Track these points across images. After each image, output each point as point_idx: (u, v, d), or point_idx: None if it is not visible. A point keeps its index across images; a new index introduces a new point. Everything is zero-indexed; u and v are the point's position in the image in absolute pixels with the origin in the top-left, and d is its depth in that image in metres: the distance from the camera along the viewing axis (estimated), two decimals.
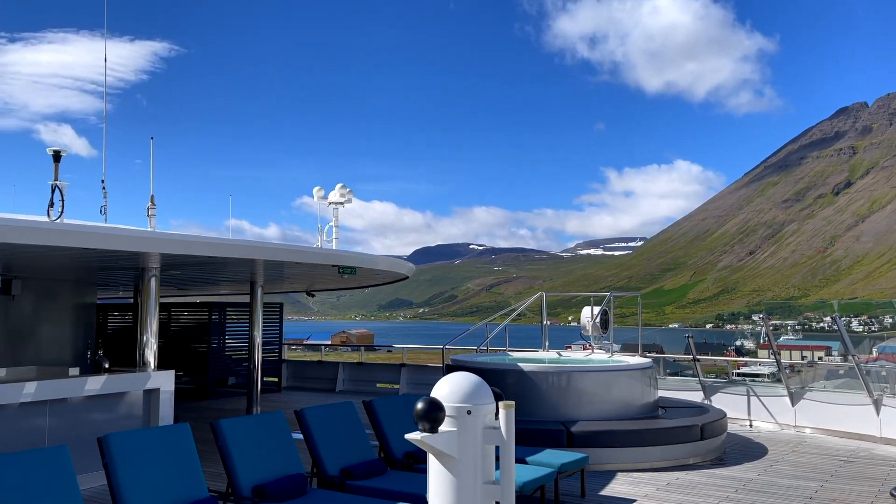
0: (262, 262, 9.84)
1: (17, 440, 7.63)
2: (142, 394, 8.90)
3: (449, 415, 4.13)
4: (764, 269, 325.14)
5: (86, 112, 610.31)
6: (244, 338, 17.01)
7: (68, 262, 9.55)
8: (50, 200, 6.57)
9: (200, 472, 5.47)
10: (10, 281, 11.27)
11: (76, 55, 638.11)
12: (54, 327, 12.41)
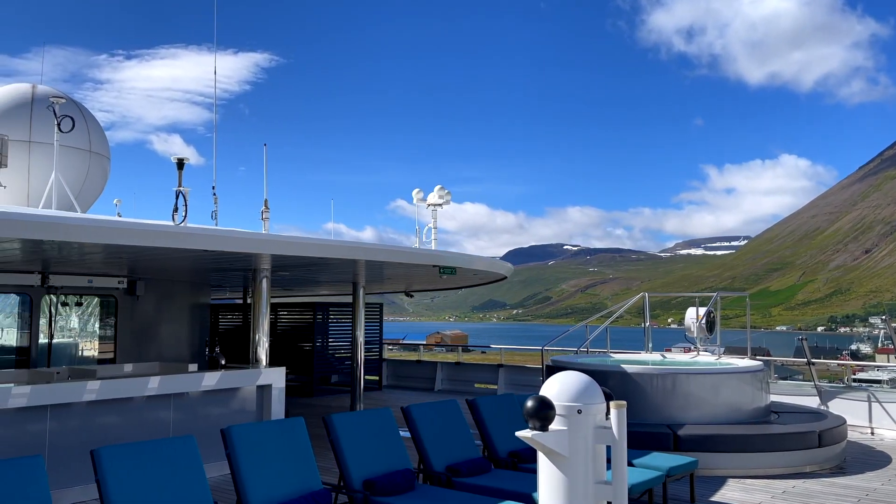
0: (364, 263, 10.10)
1: (143, 430, 8.17)
2: (255, 389, 9.33)
3: (559, 413, 4.12)
4: (882, 268, 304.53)
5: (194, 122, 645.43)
6: (346, 337, 17.52)
7: (187, 264, 10.14)
8: (174, 205, 7.04)
9: (314, 464, 5.69)
10: (135, 282, 12.07)
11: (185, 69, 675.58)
12: (173, 326, 13.18)
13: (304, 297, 20.41)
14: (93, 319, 12.01)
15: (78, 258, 9.11)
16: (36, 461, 4.45)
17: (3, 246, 7.70)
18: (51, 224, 6.27)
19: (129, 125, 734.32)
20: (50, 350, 11.17)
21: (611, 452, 4.13)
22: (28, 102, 13.31)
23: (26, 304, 10.99)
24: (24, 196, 12.40)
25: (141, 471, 4.71)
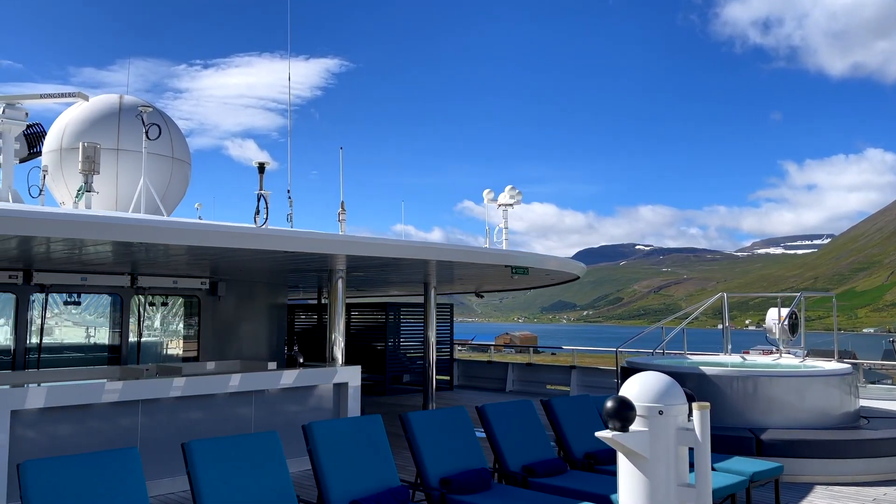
0: (435, 263, 10.19)
1: (226, 426, 8.47)
2: (332, 387, 9.54)
3: (640, 414, 4.07)
4: None
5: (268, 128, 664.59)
6: (417, 337, 17.70)
7: (266, 265, 10.45)
8: (256, 208, 7.28)
9: (392, 460, 5.78)
10: (217, 283, 12.53)
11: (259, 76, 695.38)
12: (252, 325, 13.61)
13: (375, 297, 20.72)
14: (177, 319, 12.52)
15: (164, 260, 9.53)
16: (132, 453, 4.67)
17: (97, 248, 8.13)
18: (142, 227, 6.58)
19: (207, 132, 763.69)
20: (139, 348, 11.71)
21: (693, 455, 4.05)
22: (116, 112, 14.00)
23: (117, 304, 11.55)
24: (114, 201, 13.04)
25: (228, 464, 4.89)
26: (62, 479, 4.27)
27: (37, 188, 12.48)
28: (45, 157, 13.98)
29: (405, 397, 16.40)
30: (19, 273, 10.08)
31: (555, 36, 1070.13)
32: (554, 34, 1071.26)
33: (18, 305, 10.38)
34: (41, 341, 10.58)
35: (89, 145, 9.60)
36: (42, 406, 7.06)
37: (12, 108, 10.40)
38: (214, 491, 4.72)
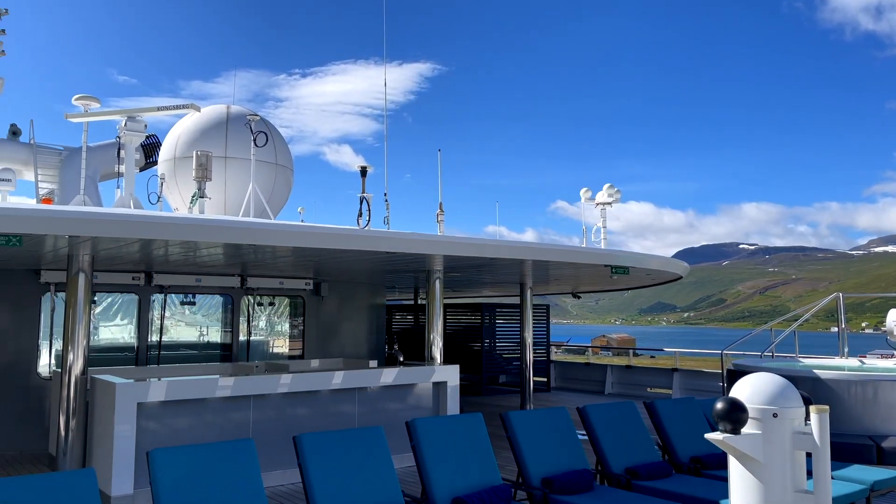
0: (532, 263, 10.16)
1: (330, 421, 8.75)
2: (430, 386, 9.68)
3: (752, 417, 3.92)
4: None
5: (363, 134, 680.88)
6: (513, 338, 17.67)
7: (366, 266, 10.73)
8: (359, 210, 7.50)
9: (494, 459, 5.82)
10: (320, 284, 12.96)
11: (355, 84, 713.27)
12: (353, 325, 13.99)
13: (469, 298, 20.83)
14: (283, 318, 13.04)
15: (271, 261, 9.95)
16: (248, 444, 4.92)
17: (209, 251, 8.60)
18: (253, 230, 6.91)
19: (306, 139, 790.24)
20: (248, 346, 12.27)
21: (811, 461, 3.87)
22: (224, 122, 14.74)
23: (228, 304, 12.15)
24: (222, 207, 13.73)
25: (337, 457, 5.06)
26: (186, 467, 4.54)
27: (155, 195, 13.30)
28: (160, 166, 14.89)
29: (502, 398, 16.41)
30: (141, 275, 10.77)
31: (651, 29, 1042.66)
32: (651, 27, 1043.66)
33: (141, 305, 11.10)
34: (161, 339, 11.27)
35: (202, 153, 10.15)
36: (163, 399, 7.53)
37: (133, 121, 11.13)
38: (324, 483, 4.90)
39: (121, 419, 7.08)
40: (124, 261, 9.32)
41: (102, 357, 10.61)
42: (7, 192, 9.50)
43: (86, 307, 7.60)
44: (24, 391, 9.95)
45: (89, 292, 7.68)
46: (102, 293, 10.86)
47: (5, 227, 5.71)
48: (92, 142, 12.94)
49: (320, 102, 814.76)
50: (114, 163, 17.13)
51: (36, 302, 10.08)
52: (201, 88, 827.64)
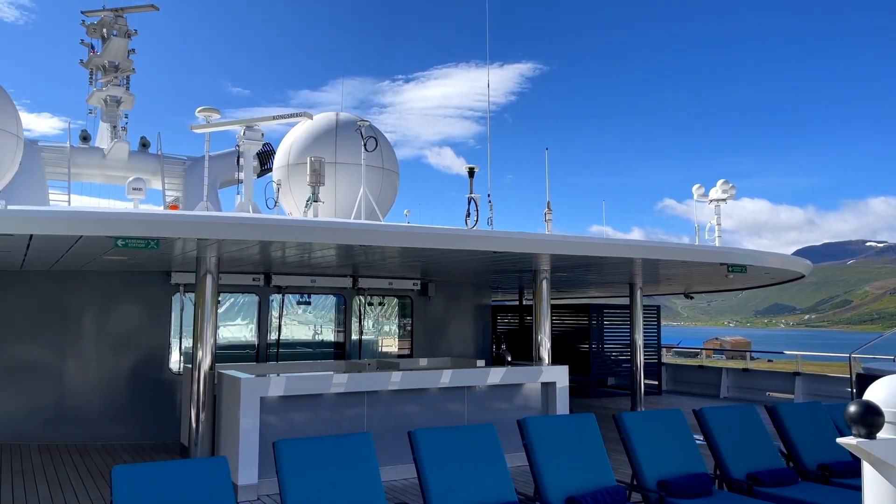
0: (641, 262, 9.93)
1: (439, 419, 8.89)
2: (539, 386, 9.65)
3: (889, 421, 3.69)
4: None
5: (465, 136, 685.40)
6: (622, 339, 17.30)
7: (473, 266, 10.83)
8: (467, 210, 7.59)
9: (607, 459, 5.74)
10: (427, 284, 13.19)
11: (456, 87, 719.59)
12: (460, 325, 14.15)
13: (574, 299, 20.57)
14: (392, 318, 13.36)
15: (380, 262, 10.22)
16: (366, 437, 5.09)
17: (323, 252, 8.94)
18: (367, 231, 7.15)
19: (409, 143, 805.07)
20: (360, 345, 12.66)
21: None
22: (333, 129, 15.27)
23: (341, 304, 12.58)
24: (333, 210, 14.23)
25: (450, 453, 5.15)
26: (309, 457, 4.75)
27: (272, 200, 13.96)
28: (275, 173, 15.61)
29: (611, 400, 16.11)
30: (261, 276, 11.34)
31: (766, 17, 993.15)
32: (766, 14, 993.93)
33: (261, 305, 11.68)
34: (279, 337, 11.81)
35: (316, 159, 10.56)
36: (282, 394, 7.89)
37: (251, 130, 11.74)
38: (439, 478, 4.99)
39: (246, 412, 7.49)
40: (245, 263, 9.85)
41: (226, 354, 11.24)
42: (139, 199, 10.24)
43: (213, 307, 8.09)
44: (157, 385, 10.68)
45: (216, 292, 8.16)
46: (226, 293, 11.49)
47: (145, 231, 6.18)
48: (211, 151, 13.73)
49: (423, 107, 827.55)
50: (231, 170, 18.13)
51: (167, 302, 10.81)
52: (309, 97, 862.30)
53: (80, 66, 18.48)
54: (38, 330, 10.48)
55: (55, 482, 7.94)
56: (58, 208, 8.69)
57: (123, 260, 8.93)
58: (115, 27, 17.95)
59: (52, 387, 10.38)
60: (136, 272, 10.63)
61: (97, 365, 10.51)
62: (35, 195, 16.02)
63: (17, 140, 13.09)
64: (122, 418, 10.46)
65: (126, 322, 10.68)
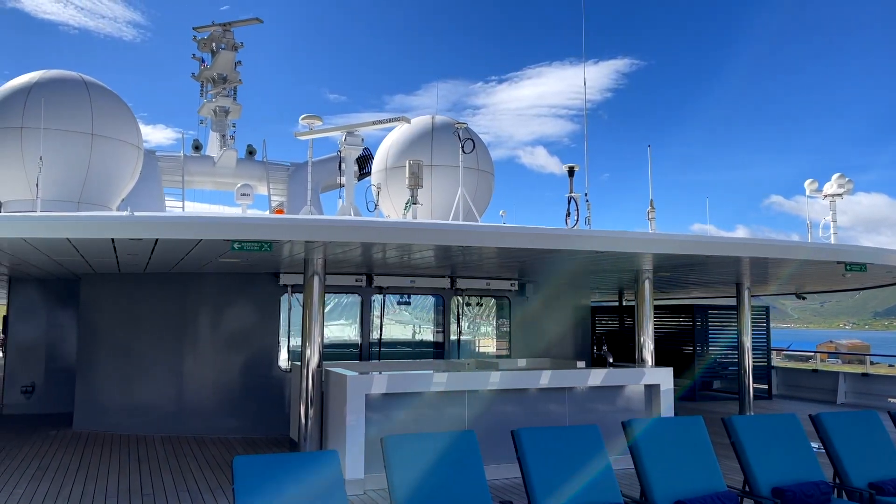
0: (749, 261, 9.55)
1: (539, 419, 8.86)
2: (642, 388, 9.45)
3: None
4: None
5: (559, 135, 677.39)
6: (728, 341, 16.66)
7: (571, 267, 10.73)
8: (567, 210, 7.55)
9: (717, 464, 5.58)
10: (525, 285, 13.18)
11: (549, 86, 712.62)
12: (558, 325, 14.04)
13: (676, 299, 19.98)
14: (490, 318, 13.42)
15: (478, 262, 10.30)
16: (470, 436, 5.17)
17: (422, 253, 9.11)
18: (468, 232, 7.23)
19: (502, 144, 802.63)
20: (459, 345, 12.79)
21: None
22: (429, 132, 15.50)
23: (439, 304, 12.76)
24: (429, 212, 14.44)
25: (554, 452, 5.16)
26: (415, 453, 4.88)
27: (372, 203, 14.32)
28: (373, 177, 16.00)
29: (716, 404, 15.54)
30: (363, 277, 11.67)
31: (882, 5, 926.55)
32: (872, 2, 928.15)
33: (363, 305, 12.02)
34: (381, 336, 12.12)
35: (414, 162, 10.76)
36: (384, 391, 8.10)
37: (351, 136, 12.09)
38: (543, 477, 5.00)
39: (352, 408, 7.74)
40: (348, 264, 10.16)
41: (331, 353, 11.62)
42: (247, 205, 10.76)
43: (320, 306, 8.39)
44: (267, 382, 11.18)
45: (323, 293, 8.47)
46: (330, 294, 11.89)
47: (259, 235, 6.51)
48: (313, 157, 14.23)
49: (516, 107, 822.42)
50: (331, 175, 18.73)
51: (276, 302, 11.30)
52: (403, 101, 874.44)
53: (192, 79, 19.60)
54: (161, 329, 11.20)
55: (177, 471, 8.47)
56: (180, 214, 9.25)
57: (237, 262, 9.42)
58: (224, 41, 18.92)
59: (173, 382, 11.07)
60: (248, 274, 11.16)
61: (213, 362, 11.12)
62: (153, 202, 17.11)
63: (138, 151, 14.03)
64: (235, 413, 11.02)
65: (239, 321, 11.24)
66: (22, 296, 13.67)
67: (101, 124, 13.08)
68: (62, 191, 12.86)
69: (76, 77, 13.69)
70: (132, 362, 11.25)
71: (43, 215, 6.83)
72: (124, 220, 6.31)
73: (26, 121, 12.58)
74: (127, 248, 7.50)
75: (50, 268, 10.66)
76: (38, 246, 7.40)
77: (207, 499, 7.27)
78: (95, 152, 13.00)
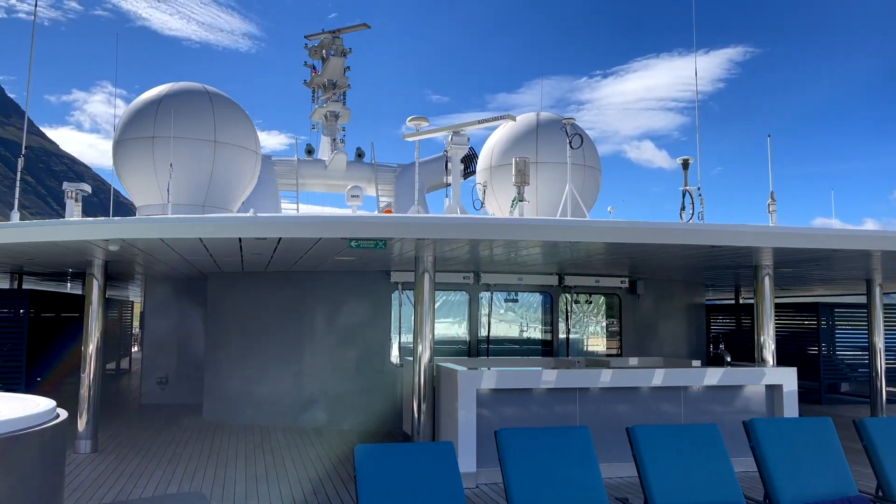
0: (880, 255, 8.95)
1: (652, 419, 8.67)
2: (762, 389, 9.06)
3: None
4: None
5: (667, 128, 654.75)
6: (859, 342, 15.67)
7: (685, 262, 10.43)
8: (681, 204, 7.35)
9: (847, 467, 5.30)
10: (636, 282, 12.90)
11: (657, 78, 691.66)
12: (671, 324, 13.66)
13: (797, 297, 18.94)
14: (600, 316, 13.23)
15: (585, 259, 10.19)
16: (584, 431, 5.15)
17: (528, 250, 9.12)
18: (578, 227, 7.20)
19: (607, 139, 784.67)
20: (568, 343, 12.69)
21: None
22: (533, 129, 15.45)
23: (547, 302, 12.71)
24: (535, 209, 14.39)
25: (672, 451, 5.05)
26: (530, 447, 4.91)
27: (479, 202, 14.45)
28: (478, 175, 16.12)
29: (846, 408, 14.65)
30: (471, 274, 11.80)
31: None
32: None
33: (471, 302, 12.15)
34: (489, 334, 12.21)
35: (520, 160, 10.77)
36: (493, 387, 8.17)
37: (457, 135, 12.25)
38: (661, 476, 4.92)
39: (463, 403, 7.86)
40: (457, 262, 10.31)
41: (440, 349, 11.83)
42: (356, 206, 11.12)
43: (431, 303, 8.58)
44: (380, 376, 11.52)
45: (433, 290, 8.65)
46: (439, 291, 12.11)
47: (375, 233, 6.75)
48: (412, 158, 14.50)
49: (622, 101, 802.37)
50: (436, 175, 19.02)
51: (387, 299, 11.62)
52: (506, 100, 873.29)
53: (304, 86, 20.43)
54: (281, 325, 11.77)
55: (298, 460, 8.89)
56: (302, 214, 9.69)
57: (351, 260, 9.77)
58: (333, 47, 19.61)
59: (292, 376, 11.61)
60: (360, 272, 11.54)
61: (328, 357, 11.58)
62: (270, 204, 17.97)
63: (256, 156, 14.80)
64: (350, 406, 11.42)
65: (352, 318, 11.64)
66: (155, 294, 14.72)
67: (224, 132, 13.91)
68: (188, 195, 13.77)
69: (200, 88, 14.62)
70: (254, 356, 11.89)
71: (178, 217, 7.36)
72: (251, 220, 6.71)
73: (157, 130, 13.56)
74: (252, 247, 7.95)
75: (181, 267, 11.42)
76: (173, 245, 7.97)
77: (328, 487, 7.59)
78: (218, 158, 13.84)
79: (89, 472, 8.13)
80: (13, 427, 4.44)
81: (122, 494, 7.16)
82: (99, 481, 7.68)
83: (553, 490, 4.74)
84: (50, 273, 13.57)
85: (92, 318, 9.28)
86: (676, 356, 13.05)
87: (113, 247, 7.58)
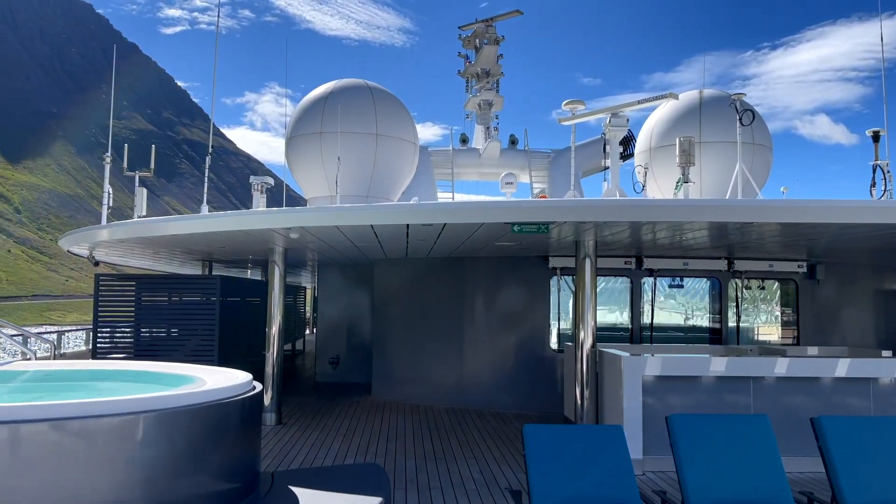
0: None
1: (834, 412, 8.03)
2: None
3: None
4: None
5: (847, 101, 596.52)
6: None
7: (874, 244, 9.54)
8: (872, 180, 6.74)
9: None
10: (815, 266, 12.00)
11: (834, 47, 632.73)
12: (856, 311, 12.58)
13: None
14: (774, 303, 12.44)
15: (757, 242, 9.60)
16: (763, 420, 4.92)
17: (694, 234, 8.74)
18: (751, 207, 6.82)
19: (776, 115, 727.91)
20: (738, 331, 12.06)
21: None
22: (695, 108, 14.71)
23: (715, 287, 12.14)
24: (699, 191, 13.71)
25: (863, 444, 4.72)
26: (704, 433, 4.77)
27: (640, 184, 14.04)
28: (636, 157, 15.63)
29: None
30: (633, 259, 11.52)
31: None
32: None
33: (633, 288, 11.88)
34: (652, 320, 11.88)
35: (685, 139, 10.32)
36: (658, 374, 7.95)
37: (616, 117, 11.94)
38: (851, 470, 4.61)
39: (628, 389, 7.74)
40: (618, 246, 10.11)
41: (601, 335, 11.68)
42: (510, 193, 11.16)
43: (592, 289, 8.50)
44: (539, 361, 11.57)
45: (595, 275, 8.57)
46: (599, 276, 11.94)
47: (537, 217, 6.80)
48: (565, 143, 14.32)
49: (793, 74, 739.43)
50: (591, 159, 18.70)
51: (546, 284, 11.63)
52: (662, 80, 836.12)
53: (458, 76, 20.80)
54: (442, 309, 12.16)
55: (463, 440, 9.17)
56: (465, 201, 9.92)
57: (510, 246, 9.88)
58: (486, 36, 19.80)
59: (454, 358, 11.96)
60: (518, 257, 11.64)
61: (488, 340, 11.80)
62: (427, 194, 18.52)
63: (414, 147, 15.29)
64: (510, 389, 11.58)
65: (511, 302, 11.77)
66: (327, 280, 15.71)
67: (385, 125, 14.50)
68: (354, 186, 14.51)
69: (362, 84, 15.31)
70: (418, 339, 12.37)
71: (352, 206, 7.83)
72: (418, 207, 7.00)
73: (325, 126, 14.39)
74: (418, 234, 8.28)
75: (350, 253, 12.10)
76: (346, 232, 8.47)
77: (493, 467, 7.78)
78: (380, 151, 14.45)
79: (276, 440, 8.88)
80: (222, 395, 4.99)
81: (306, 462, 7.77)
82: (286, 449, 8.38)
83: (730, 479, 4.58)
84: (233, 260, 14.86)
85: (274, 302, 10.09)
86: (862, 347, 12.00)
87: (293, 234, 8.19)
